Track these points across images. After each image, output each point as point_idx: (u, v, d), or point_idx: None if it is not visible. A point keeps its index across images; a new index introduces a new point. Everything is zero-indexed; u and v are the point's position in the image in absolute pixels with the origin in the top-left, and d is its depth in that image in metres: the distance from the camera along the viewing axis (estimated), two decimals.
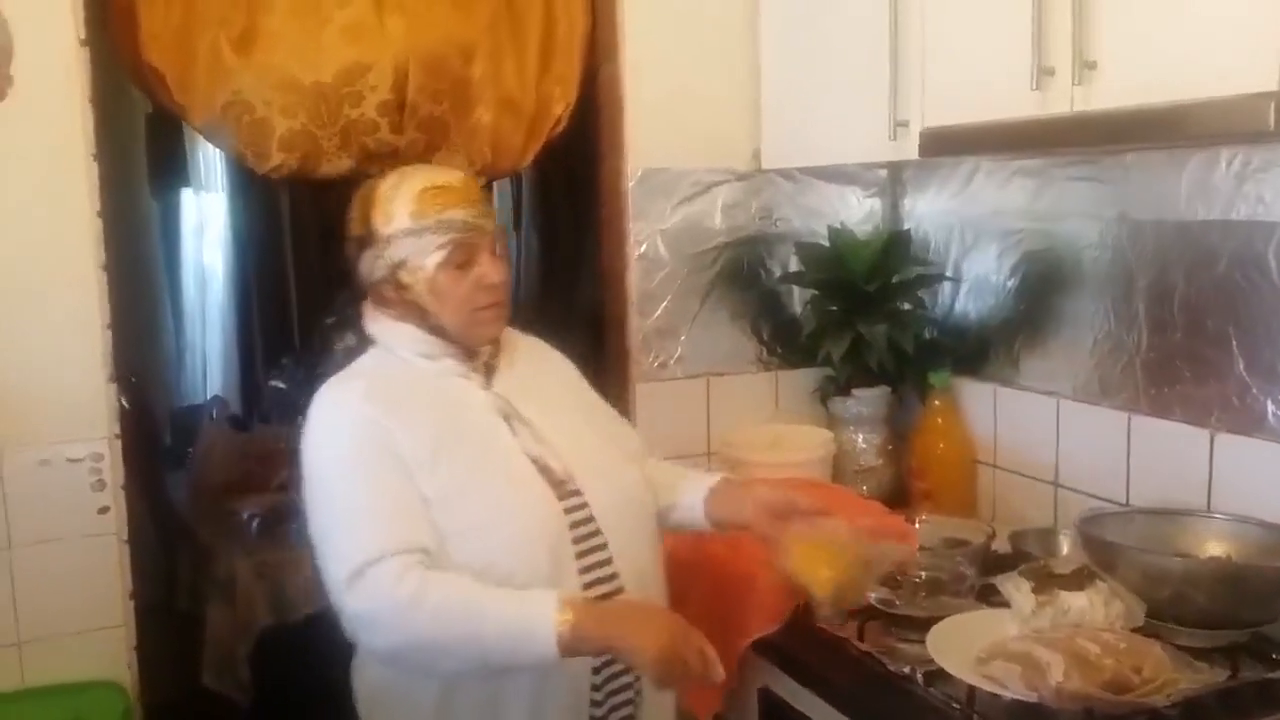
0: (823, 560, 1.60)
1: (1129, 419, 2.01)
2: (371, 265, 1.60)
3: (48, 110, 1.94)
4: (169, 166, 4.03)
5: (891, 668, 1.69)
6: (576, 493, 1.58)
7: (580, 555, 1.56)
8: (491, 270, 1.59)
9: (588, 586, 1.55)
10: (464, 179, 1.64)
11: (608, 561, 1.58)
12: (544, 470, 1.57)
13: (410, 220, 1.56)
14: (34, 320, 1.96)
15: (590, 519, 1.58)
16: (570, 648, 1.40)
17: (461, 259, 1.57)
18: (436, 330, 1.60)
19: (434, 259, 1.56)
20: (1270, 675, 1.62)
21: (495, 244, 1.61)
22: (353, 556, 1.44)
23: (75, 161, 1.97)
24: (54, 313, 1.97)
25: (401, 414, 1.53)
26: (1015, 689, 1.48)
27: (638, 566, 1.62)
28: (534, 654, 1.41)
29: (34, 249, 1.95)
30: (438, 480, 1.50)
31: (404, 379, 1.59)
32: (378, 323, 1.64)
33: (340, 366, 1.64)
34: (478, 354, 1.64)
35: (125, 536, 2.06)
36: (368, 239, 1.59)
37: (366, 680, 1.66)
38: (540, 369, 1.73)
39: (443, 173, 1.65)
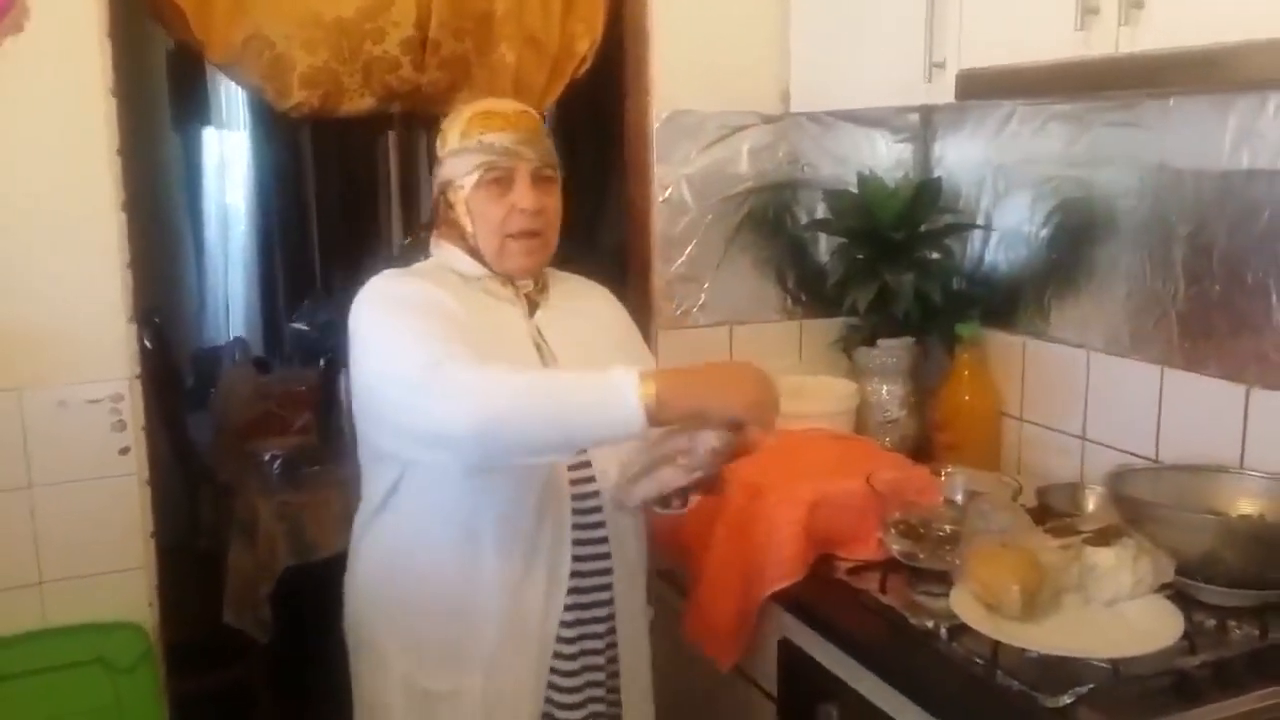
0: (1007, 572, 1.58)
1: (1161, 372, 1.97)
2: (433, 185, 1.71)
3: (65, 44, 1.90)
4: (191, 104, 4.01)
5: (914, 622, 1.67)
6: None
7: (576, 498, 1.64)
8: (525, 197, 1.63)
9: (577, 528, 1.64)
10: (518, 109, 1.71)
11: (598, 509, 1.66)
12: None
13: (457, 141, 1.66)
14: (53, 260, 1.93)
15: (588, 463, 1.65)
16: (658, 416, 1.37)
17: (495, 180, 1.63)
18: (474, 253, 1.68)
19: (471, 179, 1.64)
20: None
21: (540, 174, 1.65)
22: (427, 351, 1.46)
23: (94, 97, 1.93)
24: (73, 252, 1.94)
25: (459, 305, 1.59)
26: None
27: (625, 514, 1.67)
28: (620, 422, 1.38)
29: (52, 187, 1.92)
30: None
31: (458, 286, 1.66)
32: (437, 244, 1.73)
33: None
34: (516, 285, 1.69)
35: (146, 477, 2.05)
36: (433, 161, 1.70)
37: (358, 580, 1.75)
38: (583, 310, 1.77)
39: (501, 103, 1.73)
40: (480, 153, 1.63)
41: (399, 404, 1.50)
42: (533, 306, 1.71)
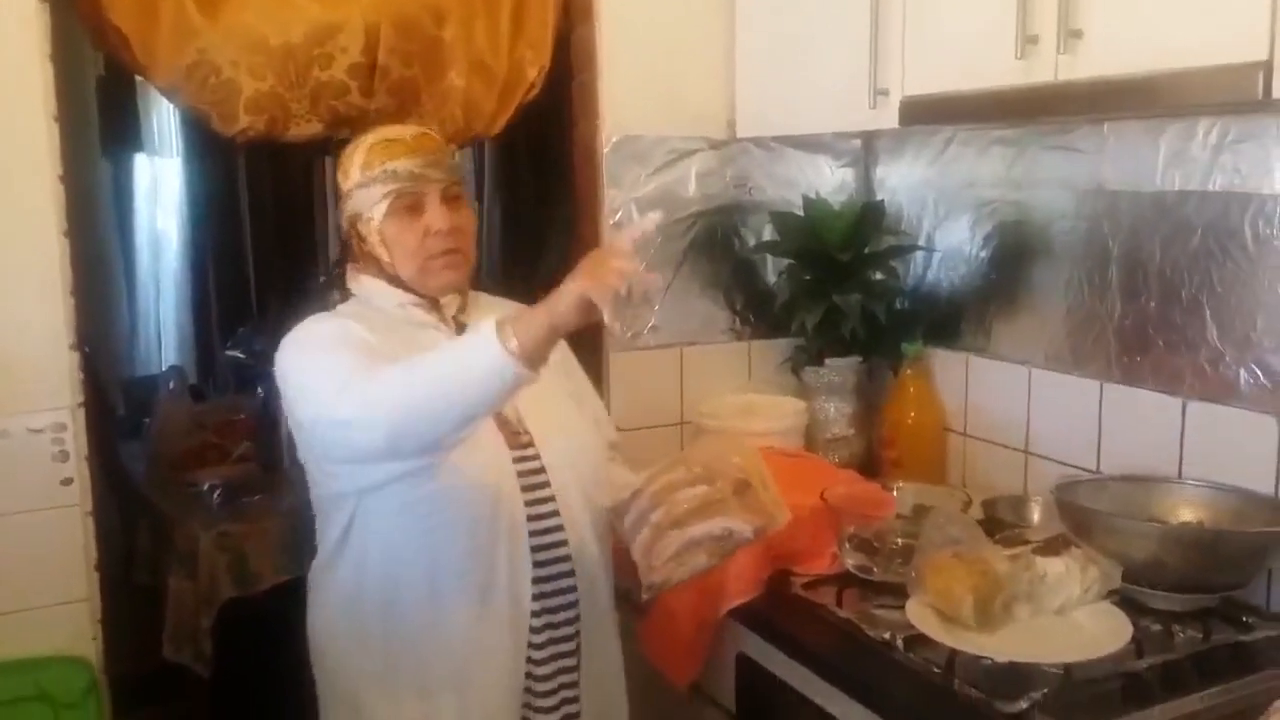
0: (961, 582, 1.61)
1: (1101, 387, 2.03)
2: (340, 222, 1.71)
3: (7, 67, 1.87)
4: (122, 130, 3.93)
5: (871, 634, 1.70)
6: (530, 444, 1.67)
7: (529, 504, 1.64)
8: (438, 218, 1.64)
9: (534, 534, 1.64)
10: (417, 133, 1.70)
11: (554, 514, 1.67)
12: (500, 420, 1.64)
13: (360, 173, 1.65)
14: None
15: (541, 469, 1.67)
16: (528, 351, 1.36)
17: (406, 207, 1.63)
18: (396, 281, 1.68)
19: (380, 208, 1.64)
20: (1241, 638, 1.66)
21: (449, 193, 1.66)
22: (336, 379, 1.49)
23: (36, 122, 1.90)
24: (14, 279, 1.91)
25: (372, 334, 1.61)
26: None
27: (584, 518, 1.70)
28: (495, 371, 1.37)
29: None
30: None
31: (377, 319, 1.66)
32: (354, 278, 1.73)
33: None
34: (442, 305, 1.70)
35: (89, 508, 2.01)
36: (337, 197, 1.69)
37: (321, 623, 1.75)
38: None
39: (398, 129, 1.72)
40: (386, 181, 1.62)
41: (328, 440, 1.55)
42: (460, 328, 1.71)
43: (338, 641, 1.71)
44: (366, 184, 1.64)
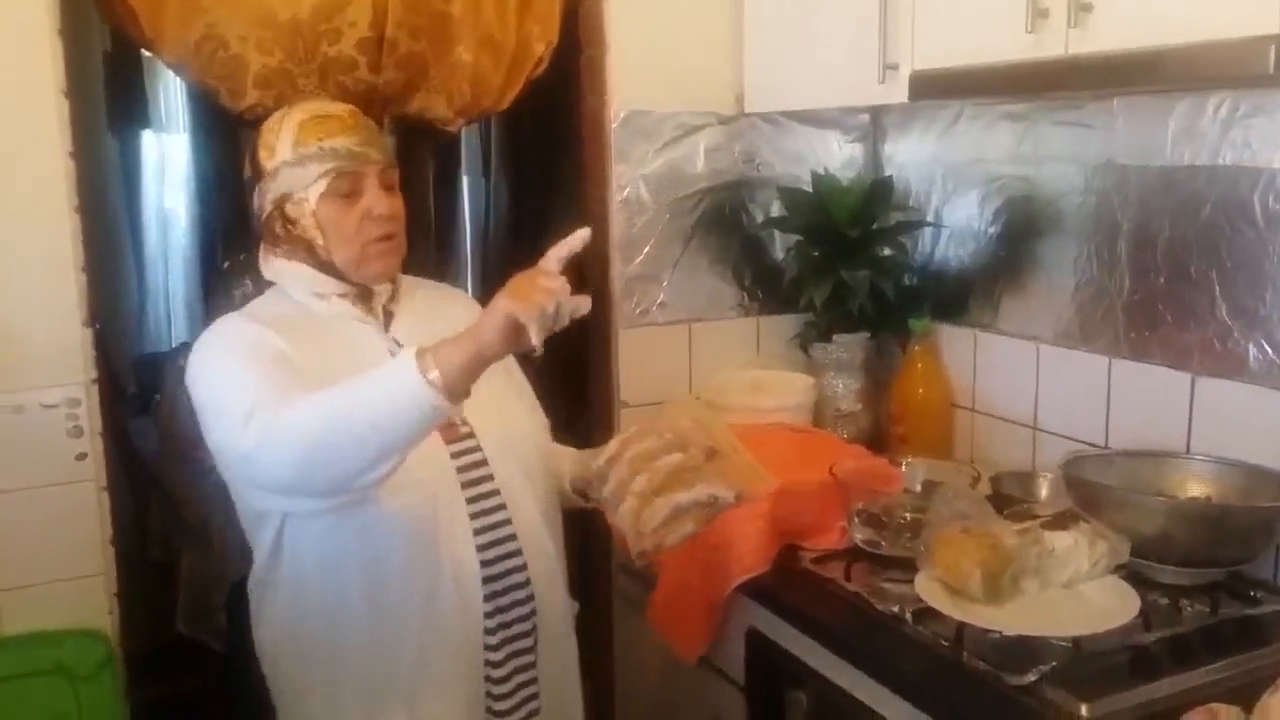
0: (969, 556, 1.62)
1: (1109, 363, 2.03)
2: (260, 202, 1.59)
3: (17, 43, 1.87)
4: (129, 106, 3.93)
5: (880, 607, 1.71)
6: (470, 435, 1.58)
7: (471, 500, 1.55)
8: (378, 202, 1.56)
9: (479, 533, 1.55)
10: (350, 110, 1.62)
11: (500, 507, 1.58)
12: None
13: (291, 151, 1.55)
14: (6, 263, 1.90)
15: (483, 462, 1.58)
16: (451, 382, 1.30)
17: (346, 189, 1.55)
18: (327, 267, 1.58)
19: (316, 189, 1.54)
20: (1249, 612, 1.67)
21: (384, 176, 1.58)
22: (242, 407, 1.40)
23: (46, 98, 1.90)
24: (27, 256, 1.92)
25: (290, 342, 1.51)
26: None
27: (531, 509, 1.61)
28: (417, 405, 1.30)
29: (4, 189, 1.89)
30: None
31: (297, 319, 1.57)
32: (271, 264, 1.63)
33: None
34: (374, 294, 1.62)
35: (104, 483, 2.02)
36: (255, 176, 1.59)
37: (265, 635, 1.66)
38: (441, 313, 1.65)
39: (327, 104, 1.64)
40: (324, 160, 1.53)
41: (243, 467, 1.47)
42: (389, 318, 1.63)
43: (285, 655, 1.63)
44: (300, 162, 1.54)
